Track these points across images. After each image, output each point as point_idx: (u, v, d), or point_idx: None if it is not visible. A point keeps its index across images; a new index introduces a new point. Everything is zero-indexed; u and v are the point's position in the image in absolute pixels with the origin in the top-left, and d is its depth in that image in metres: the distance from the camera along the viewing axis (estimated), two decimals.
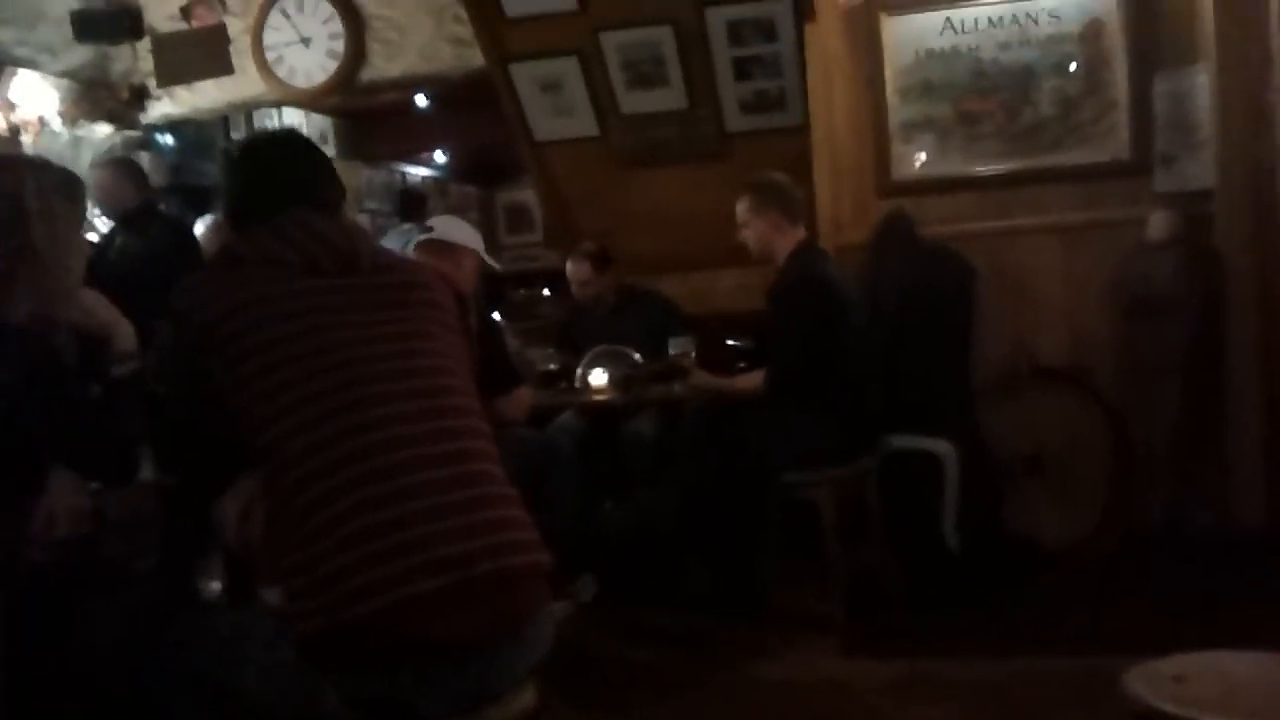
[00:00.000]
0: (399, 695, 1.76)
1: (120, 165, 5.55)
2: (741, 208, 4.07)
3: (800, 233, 4.07)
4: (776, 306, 3.95)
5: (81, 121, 6.70)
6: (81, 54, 6.72)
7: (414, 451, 1.81)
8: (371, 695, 1.76)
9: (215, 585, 2.63)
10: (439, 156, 10.26)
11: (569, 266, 5.23)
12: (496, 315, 5.14)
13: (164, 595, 2.30)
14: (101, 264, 4.76)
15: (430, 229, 3.95)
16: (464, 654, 1.77)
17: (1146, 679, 1.87)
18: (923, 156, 4.63)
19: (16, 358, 2.09)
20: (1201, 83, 4.23)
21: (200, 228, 5.70)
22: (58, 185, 2.25)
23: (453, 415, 1.91)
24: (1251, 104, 4.09)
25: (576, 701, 3.26)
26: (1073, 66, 4.48)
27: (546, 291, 8.73)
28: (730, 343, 4.68)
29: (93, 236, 5.29)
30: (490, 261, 4.05)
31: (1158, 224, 4.28)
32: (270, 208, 2.00)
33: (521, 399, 3.86)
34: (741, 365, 4.50)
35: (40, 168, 2.36)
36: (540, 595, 1.89)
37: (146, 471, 2.31)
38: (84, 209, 2.33)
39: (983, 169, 4.60)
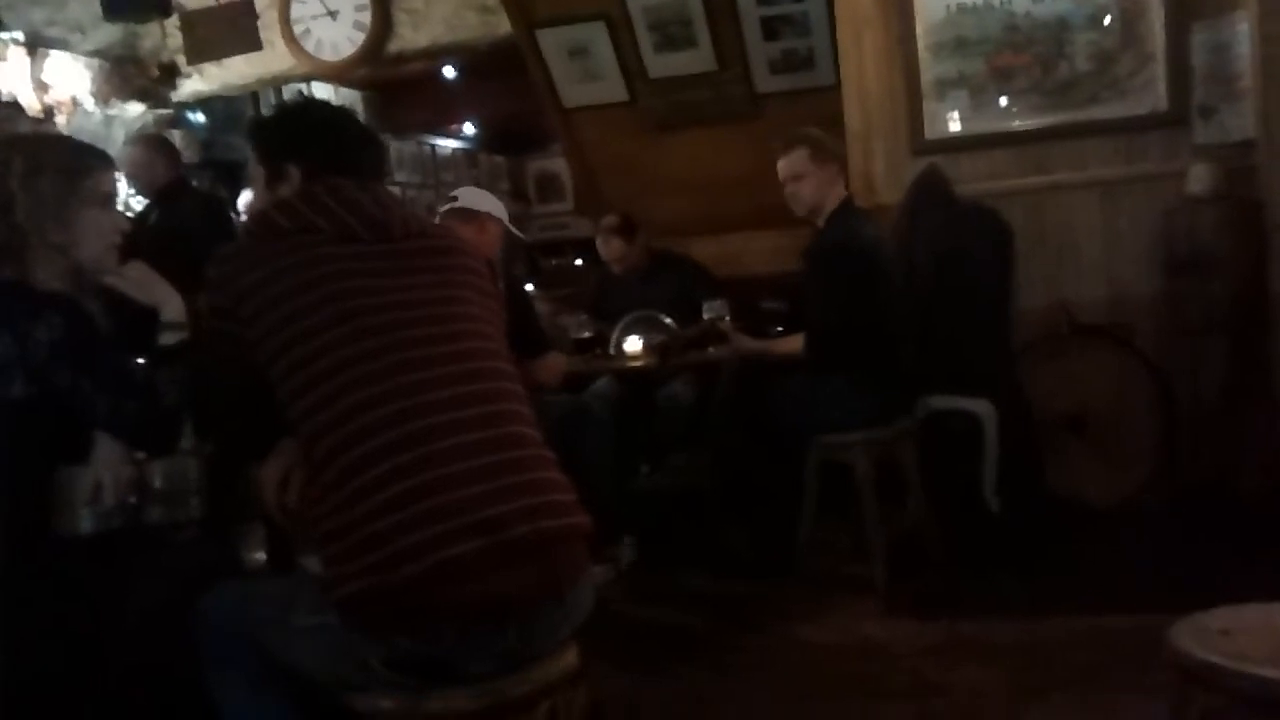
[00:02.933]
0: (441, 656, 1.77)
1: (152, 142, 5.58)
2: (797, 158, 3.96)
3: (844, 190, 4.03)
4: (814, 269, 3.91)
5: (113, 100, 6.74)
6: (111, 32, 6.75)
7: (449, 416, 1.81)
8: (414, 656, 1.76)
9: (258, 555, 2.64)
10: (468, 128, 10.25)
11: (600, 246, 5.24)
12: (530, 287, 5.14)
13: (208, 563, 2.32)
14: (138, 239, 4.79)
15: (454, 198, 3.98)
16: (504, 615, 1.77)
17: (1193, 633, 1.85)
18: (957, 115, 4.57)
19: (53, 322, 2.12)
20: (1242, 31, 4.14)
21: (243, 199, 5.72)
22: (54, 165, 2.26)
23: (488, 378, 1.91)
24: None
25: (615, 664, 3.28)
26: (1108, 20, 4.40)
27: (579, 261, 8.72)
28: (765, 305, 4.65)
29: (127, 213, 5.32)
30: (514, 229, 4.06)
31: (1198, 176, 4.21)
32: (310, 173, 2.02)
33: (553, 364, 3.87)
34: (778, 329, 4.47)
35: (36, 148, 2.37)
36: (580, 557, 1.90)
37: (186, 440, 2.32)
38: (94, 185, 2.31)
39: (1018, 125, 4.53)
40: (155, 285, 2.32)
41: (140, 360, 2.33)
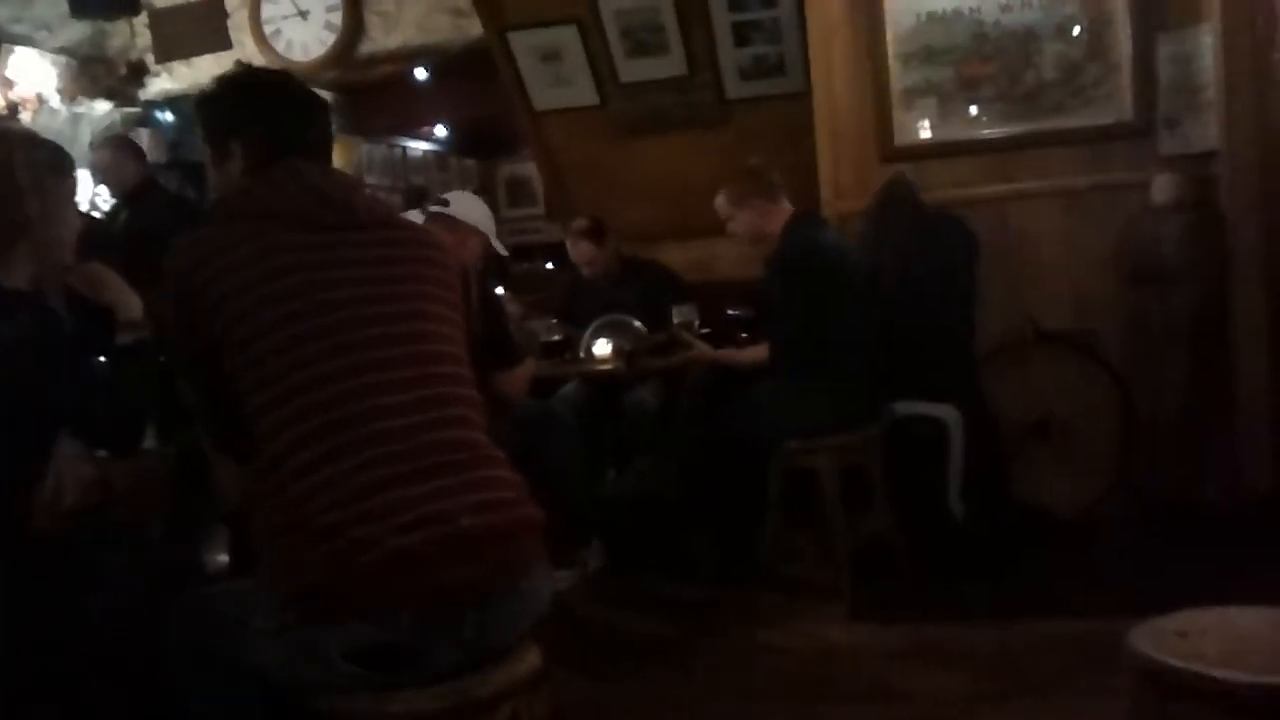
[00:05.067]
0: (399, 644, 1.77)
1: (121, 144, 5.61)
2: (721, 206, 4.07)
3: (786, 207, 4.04)
4: (773, 280, 3.93)
5: (80, 98, 6.68)
6: (78, 30, 6.69)
7: (401, 420, 1.83)
8: (373, 647, 1.76)
9: (221, 557, 2.63)
10: (439, 130, 10.22)
11: (570, 249, 5.22)
12: (500, 290, 5.11)
13: (170, 564, 2.31)
14: (107, 239, 4.79)
15: (446, 202, 3.87)
16: (458, 603, 1.79)
17: (1151, 636, 1.87)
18: (925, 123, 4.60)
19: (21, 320, 2.10)
20: (1206, 43, 4.19)
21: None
22: (47, 160, 2.27)
23: (441, 383, 1.92)
24: (1257, 64, 4.05)
25: (581, 668, 3.28)
26: (1076, 30, 4.44)
27: (549, 265, 8.71)
28: (731, 312, 4.66)
29: (91, 212, 5.29)
30: (498, 246, 3.95)
31: (1162, 187, 4.25)
32: (265, 159, 1.98)
33: (522, 375, 3.83)
34: (743, 335, 4.48)
35: (29, 143, 2.37)
36: (533, 549, 1.92)
37: (149, 439, 2.31)
38: (73, 183, 2.33)
39: (985, 133, 4.56)
40: (111, 285, 2.30)
41: (101, 359, 2.32)
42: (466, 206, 3.90)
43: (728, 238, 4.22)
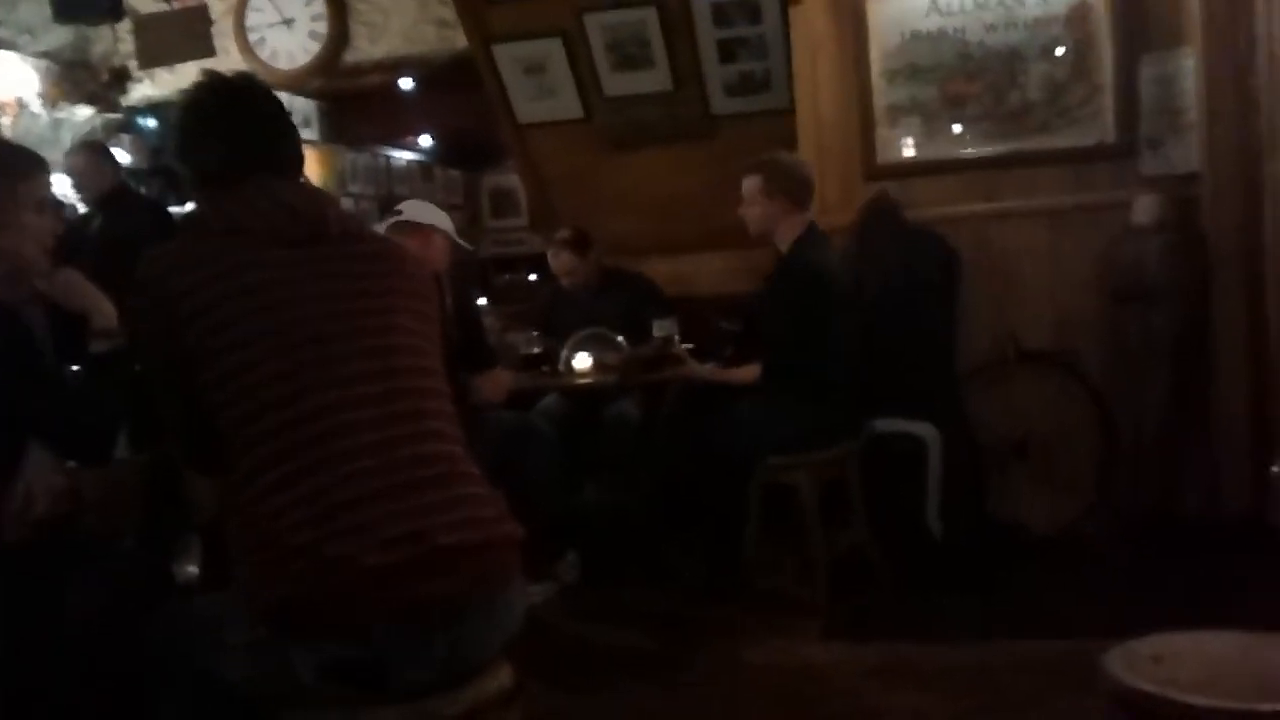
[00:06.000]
0: (371, 661, 1.76)
1: (94, 149, 5.61)
2: (750, 186, 3.97)
3: (808, 217, 3.98)
4: (778, 296, 3.90)
5: (61, 104, 6.65)
6: (61, 35, 6.68)
7: (375, 436, 1.81)
8: (345, 664, 1.75)
9: (191, 569, 2.61)
10: (424, 140, 10.20)
11: (551, 259, 5.21)
12: (483, 300, 5.12)
13: (141, 575, 2.28)
14: (80, 245, 4.76)
15: (399, 212, 3.96)
16: (431, 621, 1.77)
17: (1125, 659, 1.86)
18: (910, 141, 4.61)
19: None
20: (1187, 66, 4.22)
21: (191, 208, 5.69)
22: None
23: (415, 397, 1.91)
24: (1237, 87, 4.08)
25: (556, 683, 3.25)
26: (1060, 51, 4.46)
27: (533, 276, 8.69)
28: (722, 326, 4.66)
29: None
30: (460, 241, 4.05)
31: (1144, 207, 4.27)
32: (234, 176, 1.95)
33: (499, 379, 3.84)
34: (728, 353, 4.47)
35: None
36: (507, 567, 1.90)
37: (121, 449, 2.28)
38: (35, 188, 2.28)
39: (969, 152, 4.58)
40: (85, 292, 2.28)
41: (74, 368, 2.29)
42: (420, 209, 4.02)
43: (711, 252, 4.21)
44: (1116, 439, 4.41)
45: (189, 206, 5.78)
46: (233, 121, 2.00)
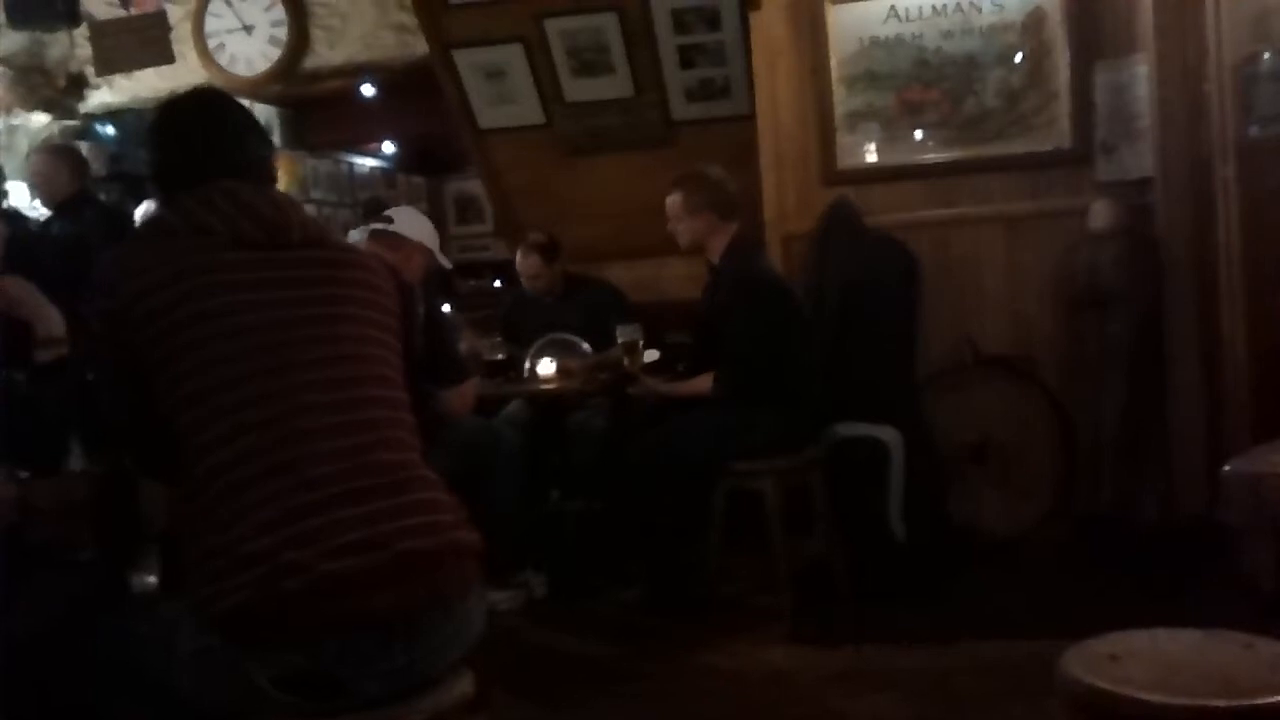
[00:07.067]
0: (327, 671, 1.74)
1: (58, 152, 5.51)
2: (673, 204, 4.02)
3: (733, 227, 4.01)
4: (735, 311, 3.89)
5: (16, 110, 6.57)
6: (15, 40, 6.60)
7: (331, 444, 1.80)
8: (298, 672, 1.73)
9: (150, 579, 2.58)
10: (386, 147, 10.15)
11: (519, 259, 5.19)
12: (447, 307, 5.07)
13: (95, 586, 2.25)
14: (37, 251, 4.71)
15: (389, 219, 3.87)
16: (387, 629, 1.75)
17: (1082, 659, 1.88)
18: (869, 147, 4.64)
19: None
20: (1140, 73, 4.27)
21: (140, 211, 5.62)
22: None
23: (372, 405, 1.89)
24: (1189, 94, 4.12)
25: (519, 694, 3.25)
26: (1018, 58, 4.50)
27: (497, 283, 8.66)
28: (671, 339, 4.66)
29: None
30: (442, 260, 3.97)
31: (1099, 213, 4.31)
32: (195, 178, 1.95)
33: (467, 393, 3.81)
34: (680, 367, 4.46)
35: None
36: (466, 575, 1.88)
37: (76, 459, 2.25)
38: None
39: (927, 158, 4.61)
40: (28, 300, 2.24)
41: (20, 377, 2.26)
42: (410, 222, 3.91)
43: (675, 258, 4.22)
44: (1074, 443, 4.44)
45: (141, 208, 5.73)
46: (198, 125, 2.02)
